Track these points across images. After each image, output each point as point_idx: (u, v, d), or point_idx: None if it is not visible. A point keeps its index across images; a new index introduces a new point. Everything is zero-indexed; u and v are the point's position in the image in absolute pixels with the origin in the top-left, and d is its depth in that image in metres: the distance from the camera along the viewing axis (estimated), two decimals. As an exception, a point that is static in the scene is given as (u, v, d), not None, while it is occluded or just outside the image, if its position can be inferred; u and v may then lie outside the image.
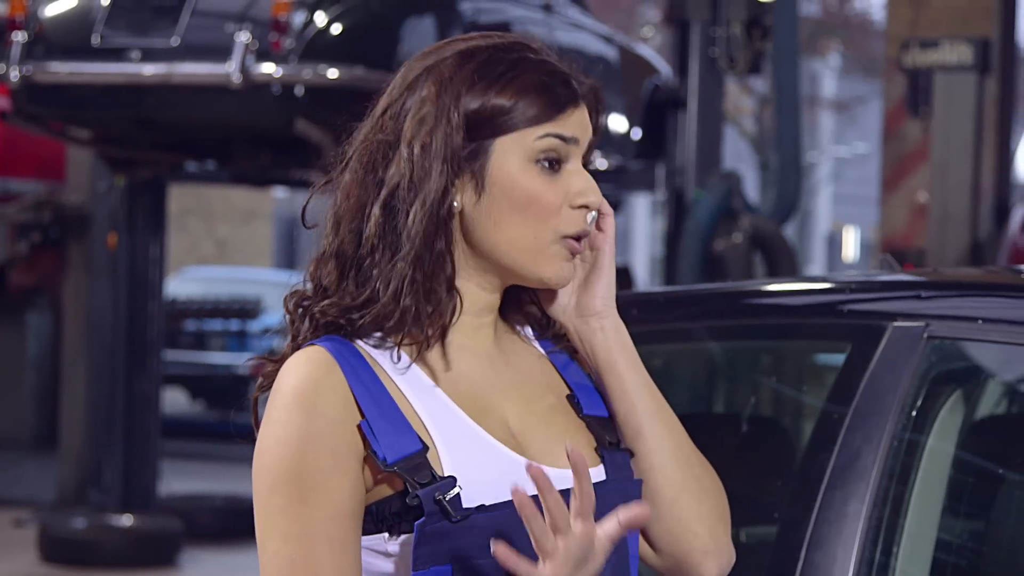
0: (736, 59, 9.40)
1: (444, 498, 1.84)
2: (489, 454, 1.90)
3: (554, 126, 1.93)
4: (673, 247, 9.45)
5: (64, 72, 8.14)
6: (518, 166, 1.93)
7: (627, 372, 2.01)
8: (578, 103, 1.96)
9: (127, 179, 9.51)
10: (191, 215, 21.26)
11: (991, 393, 2.86)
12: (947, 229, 10.05)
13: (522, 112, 1.92)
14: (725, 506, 2.03)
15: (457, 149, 1.92)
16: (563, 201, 1.94)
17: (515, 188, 1.93)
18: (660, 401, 2.02)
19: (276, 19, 7.65)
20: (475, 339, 1.98)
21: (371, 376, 1.91)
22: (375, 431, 1.87)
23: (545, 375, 2.02)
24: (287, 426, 1.87)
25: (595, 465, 1.96)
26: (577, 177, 1.95)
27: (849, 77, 32.45)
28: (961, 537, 2.73)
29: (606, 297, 2.01)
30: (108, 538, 9.23)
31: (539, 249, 1.94)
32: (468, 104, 1.92)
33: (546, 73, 1.95)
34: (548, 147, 1.93)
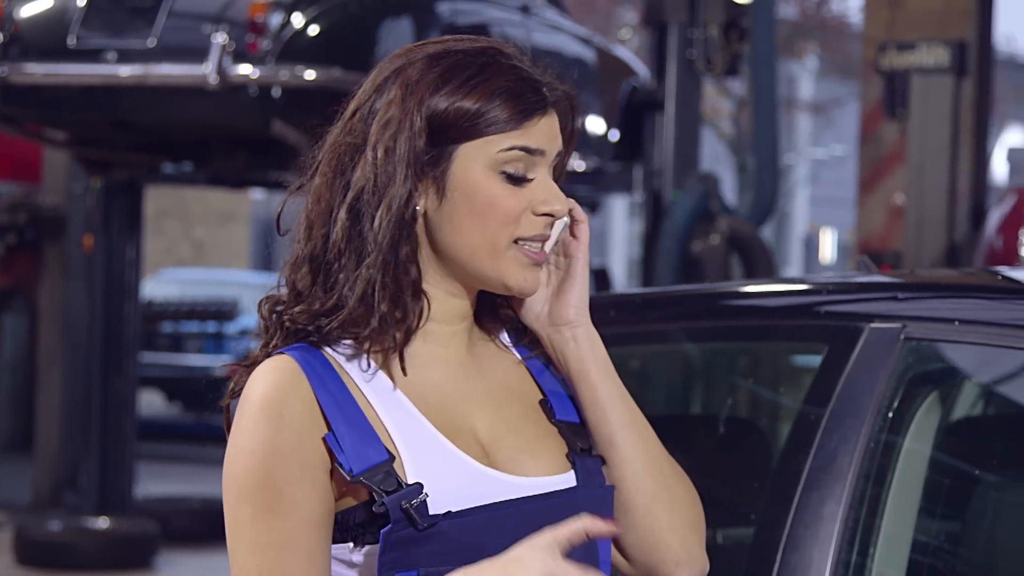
0: (713, 61, 9.41)
1: (411, 505, 1.84)
2: (453, 464, 1.90)
3: (520, 135, 1.92)
4: (650, 249, 9.45)
5: (40, 73, 8.12)
6: (480, 173, 1.92)
7: (599, 382, 2.00)
8: (546, 111, 1.94)
9: (103, 181, 9.49)
10: (168, 217, 21.21)
11: (967, 394, 2.87)
12: (924, 231, 10.08)
13: (487, 118, 1.91)
14: (699, 517, 2.02)
15: (420, 153, 1.91)
16: (525, 208, 1.93)
17: (476, 194, 1.92)
18: (633, 411, 2.01)
19: (253, 20, 7.63)
20: (448, 347, 1.97)
21: (339, 385, 1.90)
22: (341, 442, 1.87)
23: (520, 382, 2.02)
24: (254, 436, 1.87)
25: (565, 471, 1.95)
26: (542, 186, 1.94)
27: (826, 79, 32.51)
28: (937, 538, 2.73)
29: (578, 306, 2.00)
30: (84, 540, 9.20)
31: (496, 254, 1.92)
32: (432, 108, 1.91)
33: (514, 79, 1.93)
34: (513, 159, 1.92)
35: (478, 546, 1.86)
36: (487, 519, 1.88)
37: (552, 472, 1.95)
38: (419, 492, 1.85)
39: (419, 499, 1.85)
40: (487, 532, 1.87)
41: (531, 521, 1.89)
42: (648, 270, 9.52)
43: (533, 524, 1.88)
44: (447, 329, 1.97)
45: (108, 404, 9.48)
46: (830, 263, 40.42)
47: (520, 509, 1.90)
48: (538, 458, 1.95)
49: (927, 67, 10.13)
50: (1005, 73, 30.20)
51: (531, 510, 1.90)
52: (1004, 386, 2.90)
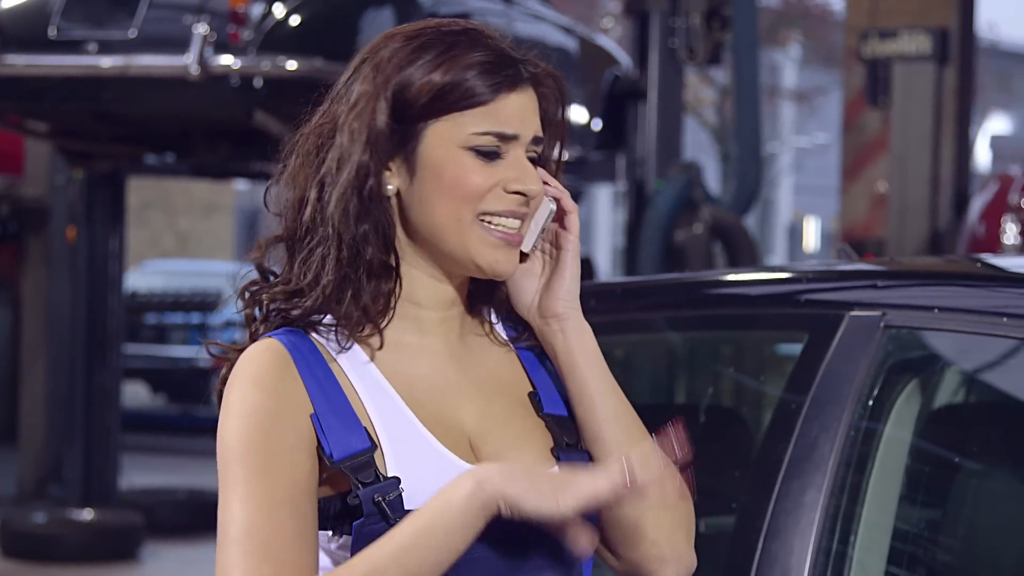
0: (696, 50, 9.41)
1: (384, 500, 1.83)
2: (434, 459, 1.89)
3: (490, 115, 1.90)
4: (634, 238, 9.46)
5: (21, 65, 8.09)
6: (449, 150, 1.90)
7: (587, 376, 1.98)
8: (518, 87, 1.92)
9: (86, 172, 9.47)
10: (152, 208, 21.18)
11: (948, 382, 2.87)
12: (906, 219, 10.09)
13: (455, 93, 1.90)
14: (687, 514, 2.00)
15: (382, 130, 1.90)
16: (494, 185, 1.91)
17: (444, 170, 1.90)
18: (622, 405, 1.99)
19: (234, 11, 7.61)
20: (437, 334, 1.96)
21: (325, 371, 1.90)
22: (324, 426, 1.87)
23: (511, 373, 2.00)
24: (246, 402, 1.87)
25: (549, 467, 1.94)
26: (515, 164, 1.92)
27: (809, 67, 32.51)
28: (918, 526, 2.74)
29: (567, 299, 1.98)
30: (69, 532, 9.20)
31: (461, 231, 1.91)
32: (398, 84, 1.90)
33: (484, 55, 1.91)
34: (485, 143, 1.91)
35: None
36: None
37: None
38: (395, 487, 1.84)
39: (394, 494, 1.84)
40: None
41: (509, 518, 1.88)
42: (631, 259, 9.53)
43: (511, 521, 1.87)
44: (435, 315, 1.96)
45: (92, 396, 9.47)
46: (814, 251, 40.47)
47: None
48: (523, 453, 1.94)
49: (909, 55, 10.15)
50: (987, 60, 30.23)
51: None
52: (984, 373, 2.90)
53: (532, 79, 1.95)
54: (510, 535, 1.87)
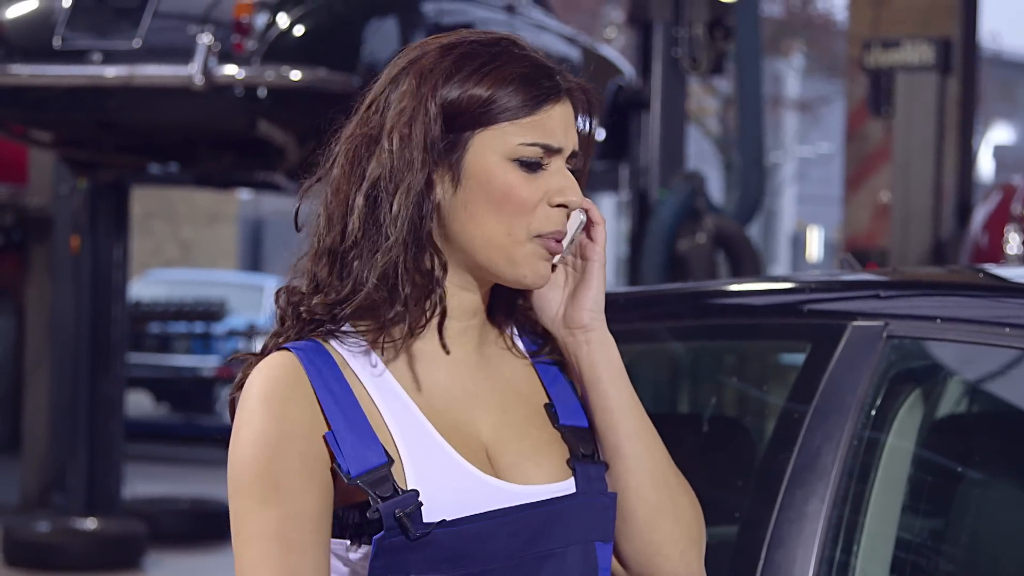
0: (699, 60, 9.43)
1: (404, 514, 1.83)
2: (453, 471, 1.89)
3: (534, 127, 1.91)
4: (637, 247, 9.46)
5: (25, 74, 8.10)
6: (495, 161, 1.91)
7: (610, 389, 1.98)
8: (560, 98, 1.94)
9: (90, 181, 9.48)
10: (155, 217, 21.19)
11: (950, 392, 2.88)
12: (909, 228, 10.09)
13: (500, 104, 1.90)
14: (700, 531, 2.00)
15: (436, 139, 1.90)
16: (541, 199, 1.92)
17: (491, 182, 1.91)
18: (642, 420, 1.99)
19: (238, 21, 7.63)
20: (457, 343, 1.96)
21: (342, 385, 1.89)
22: (340, 443, 1.86)
23: (527, 383, 2.00)
24: (253, 428, 1.87)
25: (566, 478, 1.94)
26: (557, 176, 1.93)
27: (812, 77, 32.53)
28: (921, 536, 2.74)
29: (593, 310, 1.98)
30: (72, 541, 9.19)
31: (512, 247, 1.91)
32: (446, 95, 1.90)
33: (527, 66, 1.92)
34: (531, 155, 1.91)
35: (471, 554, 1.86)
36: (480, 527, 1.86)
37: (552, 479, 1.93)
38: (414, 500, 1.84)
39: (413, 507, 1.84)
40: (481, 540, 1.86)
41: (527, 528, 1.89)
42: (634, 269, 9.53)
43: (529, 531, 1.88)
44: (457, 325, 1.96)
45: (96, 405, 9.47)
46: (817, 261, 40.45)
47: (516, 517, 1.89)
48: (540, 465, 1.94)
49: (912, 65, 10.16)
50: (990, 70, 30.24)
51: (528, 517, 1.89)
52: (986, 384, 2.91)
53: (568, 91, 1.96)
54: (526, 551, 1.88)
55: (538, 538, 1.89)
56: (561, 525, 1.91)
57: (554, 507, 1.91)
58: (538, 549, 1.89)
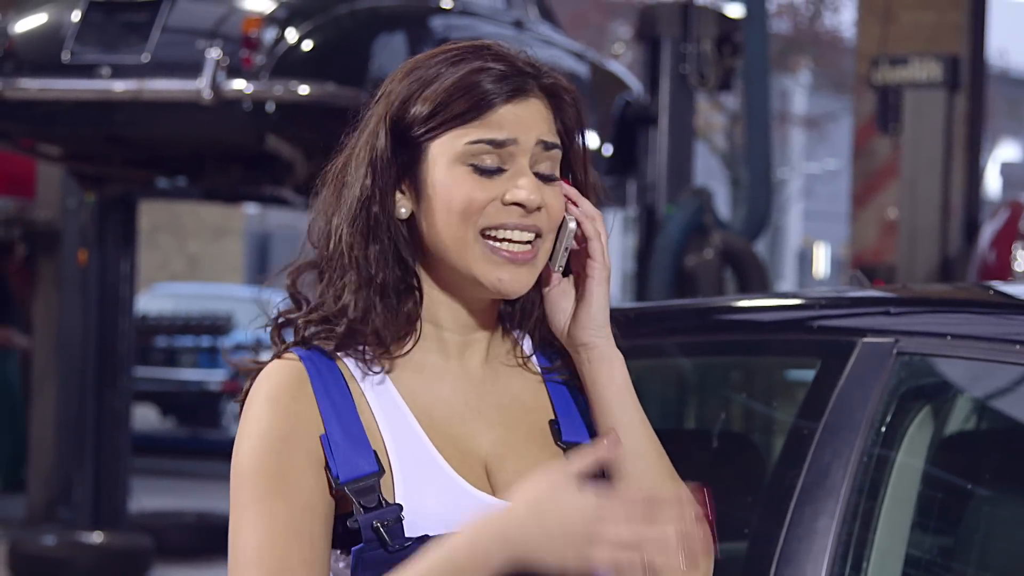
0: (707, 76, 9.43)
1: (383, 526, 1.83)
2: (444, 485, 1.88)
3: (483, 126, 1.90)
4: (644, 263, 9.46)
5: (34, 88, 8.11)
6: (447, 168, 1.90)
7: (613, 407, 1.96)
8: (518, 98, 1.92)
9: (97, 195, 9.48)
10: (162, 231, 21.20)
11: (960, 409, 2.87)
12: (917, 245, 10.09)
13: (446, 111, 1.90)
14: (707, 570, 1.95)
15: (381, 153, 1.91)
16: (493, 199, 1.90)
17: (444, 188, 1.90)
18: (647, 439, 1.97)
19: (247, 35, 7.63)
20: (461, 358, 1.96)
21: (342, 392, 1.90)
22: (333, 448, 1.87)
23: (534, 400, 1.99)
24: (260, 423, 1.88)
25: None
26: (515, 177, 1.91)
27: (819, 94, 32.54)
28: (930, 553, 2.73)
29: (593, 328, 1.96)
30: (78, 555, 9.19)
31: (464, 248, 1.90)
32: (397, 108, 1.92)
33: (478, 71, 1.91)
34: (479, 151, 1.90)
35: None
36: None
37: None
38: (396, 513, 1.84)
39: (393, 520, 1.83)
40: None
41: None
42: (642, 284, 9.53)
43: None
44: (459, 339, 1.96)
45: (102, 418, 9.47)
46: (824, 277, 40.42)
47: None
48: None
49: (920, 82, 10.15)
50: (998, 87, 30.24)
51: None
52: (997, 401, 2.90)
53: (544, 90, 1.95)
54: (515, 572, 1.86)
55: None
56: None
57: None
58: (528, 569, 1.86)
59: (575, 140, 1.98)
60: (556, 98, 1.96)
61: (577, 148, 1.99)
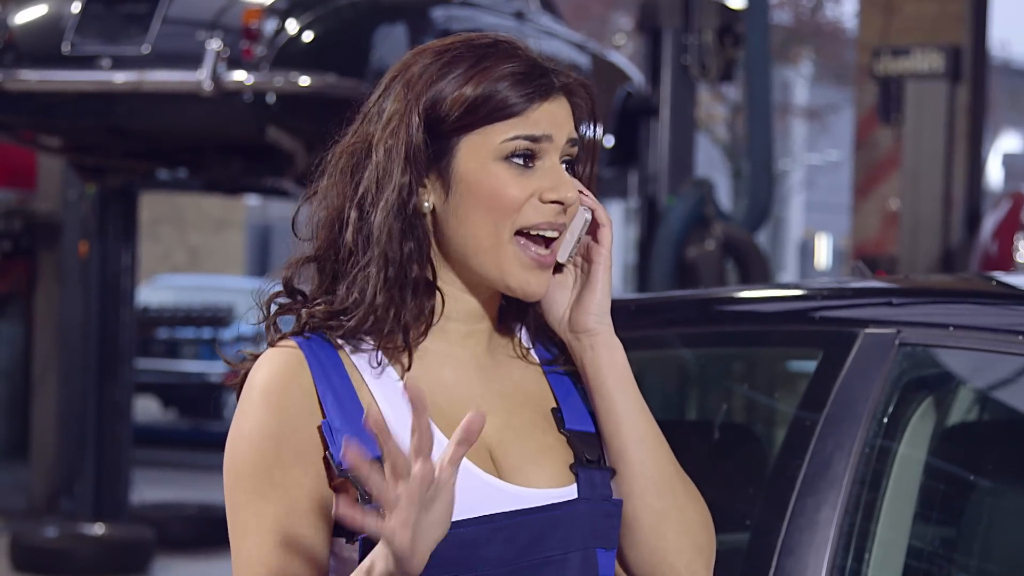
0: (708, 67, 9.43)
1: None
2: None
3: (521, 123, 1.89)
4: (645, 254, 9.46)
5: (34, 80, 8.11)
6: (483, 164, 1.89)
7: (615, 393, 1.95)
8: (549, 97, 1.91)
9: (98, 187, 9.49)
10: (163, 223, 21.20)
11: (962, 400, 2.87)
12: (919, 236, 10.08)
13: (487, 106, 1.89)
14: (708, 541, 1.97)
15: (418, 147, 1.89)
16: (530, 196, 1.90)
17: (479, 184, 1.89)
18: (648, 426, 1.96)
19: (247, 27, 7.63)
20: (464, 347, 1.95)
21: (342, 378, 1.89)
22: (334, 434, 1.86)
23: (536, 388, 1.98)
24: (249, 421, 1.87)
25: (568, 483, 1.92)
26: (550, 173, 1.91)
27: (821, 85, 32.52)
28: (932, 544, 2.73)
29: (597, 314, 1.96)
30: (80, 547, 9.20)
31: (498, 249, 1.89)
32: (430, 99, 1.90)
33: (514, 67, 1.91)
34: (515, 148, 1.89)
35: (462, 559, 1.84)
36: (474, 531, 1.85)
37: (555, 484, 1.91)
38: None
39: None
40: (474, 546, 1.84)
41: (524, 534, 1.87)
42: (643, 276, 9.53)
43: (526, 537, 1.86)
44: (463, 328, 1.95)
45: (104, 410, 9.48)
46: (825, 268, 40.43)
47: (513, 522, 1.87)
48: (543, 468, 1.92)
49: (922, 73, 10.15)
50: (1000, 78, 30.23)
51: (525, 523, 1.87)
52: (999, 391, 2.90)
53: (564, 89, 1.94)
54: (522, 558, 1.87)
55: (536, 544, 1.87)
56: (561, 531, 1.89)
57: (554, 512, 1.89)
58: (535, 555, 1.87)
59: (585, 135, 1.97)
60: (573, 96, 1.96)
61: (588, 142, 1.98)
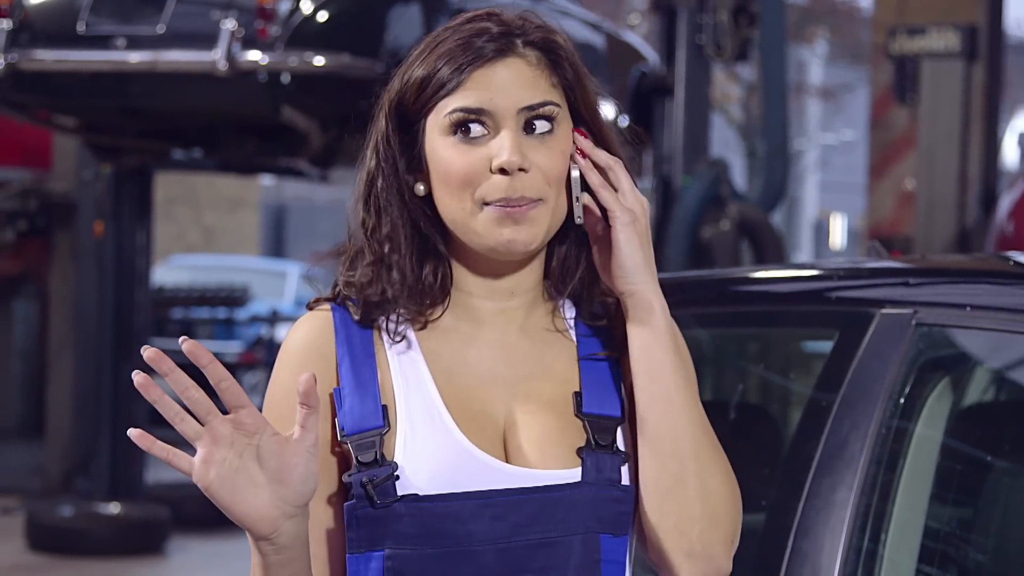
0: (723, 46, 9.40)
1: (370, 482, 1.84)
2: (448, 445, 1.88)
3: (460, 95, 1.90)
4: (661, 234, 9.44)
5: (50, 60, 8.11)
6: (435, 140, 1.92)
7: (641, 353, 1.91)
8: (490, 62, 1.90)
9: (113, 167, 9.50)
10: (178, 203, 21.21)
11: (979, 380, 2.86)
12: (934, 216, 10.07)
13: (429, 86, 1.91)
14: (728, 513, 1.91)
15: (388, 138, 1.94)
16: (481, 167, 1.90)
17: (437, 162, 1.92)
18: (680, 389, 1.91)
19: (262, 6, 7.62)
20: (495, 325, 1.96)
21: (366, 348, 1.93)
22: (344, 401, 1.90)
23: (565, 370, 1.96)
24: (275, 380, 1.95)
25: (572, 467, 1.90)
26: (497, 139, 1.90)
27: (836, 64, 32.45)
28: (949, 524, 2.73)
29: (625, 276, 1.91)
30: (95, 526, 9.22)
31: (469, 219, 1.91)
32: (396, 91, 1.95)
33: (458, 40, 1.91)
34: (457, 120, 1.90)
35: (446, 532, 1.85)
36: (459, 506, 1.85)
37: (557, 466, 1.90)
38: (387, 471, 1.85)
39: (384, 478, 1.84)
40: (459, 519, 1.86)
41: (517, 513, 1.87)
42: (658, 256, 9.49)
43: (519, 516, 1.87)
44: (491, 305, 1.96)
45: (119, 390, 9.50)
46: (840, 249, 40.37)
47: (504, 499, 1.87)
48: (547, 451, 1.91)
49: (937, 52, 10.12)
50: (1016, 57, 30.11)
51: (519, 502, 1.87)
52: (1015, 372, 2.89)
53: (534, 46, 1.93)
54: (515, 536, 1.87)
55: (531, 524, 1.87)
56: (560, 514, 1.88)
57: (552, 494, 1.88)
58: (529, 536, 1.87)
59: (578, 91, 1.95)
60: (550, 52, 1.94)
61: (585, 98, 1.96)
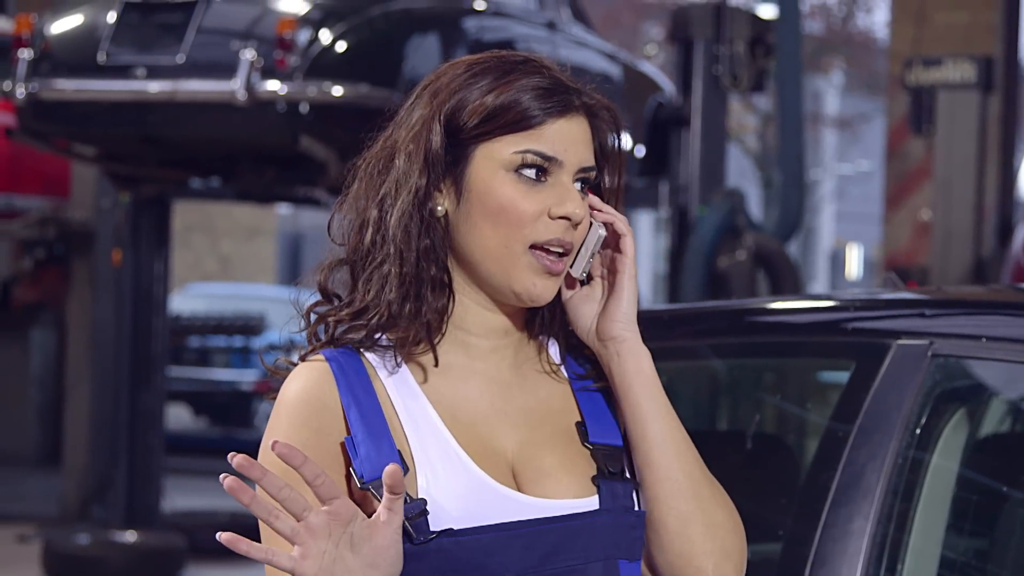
0: (739, 77, 9.42)
1: (408, 520, 1.85)
2: (468, 481, 1.90)
3: (535, 137, 1.93)
4: (676, 264, 9.45)
5: (70, 89, 8.16)
6: (494, 173, 1.93)
7: (641, 399, 1.97)
8: (568, 114, 1.94)
9: (132, 195, 9.53)
10: (195, 231, 21.26)
11: (995, 411, 2.87)
12: (950, 247, 10.06)
13: (502, 117, 1.92)
14: (737, 545, 1.98)
15: (437, 151, 1.93)
16: (540, 211, 1.93)
17: (489, 194, 1.93)
18: (674, 430, 1.98)
19: (281, 37, 7.66)
20: (488, 362, 1.98)
21: (368, 393, 1.92)
22: (358, 449, 1.89)
23: (562, 403, 2.00)
24: (276, 435, 1.91)
25: (589, 495, 1.94)
26: (559, 188, 1.94)
27: (852, 95, 32.46)
28: (965, 555, 2.73)
29: (623, 321, 1.98)
30: (112, 554, 9.23)
31: (509, 259, 1.93)
32: (452, 107, 1.94)
33: (536, 82, 1.94)
34: (525, 161, 1.92)
35: (479, 565, 1.87)
36: (491, 538, 1.87)
37: (575, 495, 1.93)
38: (420, 508, 1.86)
39: (417, 514, 1.86)
40: (491, 552, 1.87)
41: (543, 543, 1.89)
42: (674, 286, 9.52)
43: (545, 546, 1.89)
44: (486, 344, 1.98)
45: (136, 418, 9.51)
46: (856, 279, 40.31)
47: (531, 530, 1.89)
48: (561, 481, 1.94)
49: (953, 82, 10.12)
50: (1032, 88, 30.08)
51: (544, 532, 1.90)
52: (1031, 403, 2.90)
53: (586, 109, 1.97)
54: (542, 566, 1.89)
55: (556, 553, 1.89)
56: (581, 541, 1.91)
57: (573, 523, 1.91)
58: (555, 565, 1.90)
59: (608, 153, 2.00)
60: (596, 117, 1.99)
61: (611, 158, 2.01)
